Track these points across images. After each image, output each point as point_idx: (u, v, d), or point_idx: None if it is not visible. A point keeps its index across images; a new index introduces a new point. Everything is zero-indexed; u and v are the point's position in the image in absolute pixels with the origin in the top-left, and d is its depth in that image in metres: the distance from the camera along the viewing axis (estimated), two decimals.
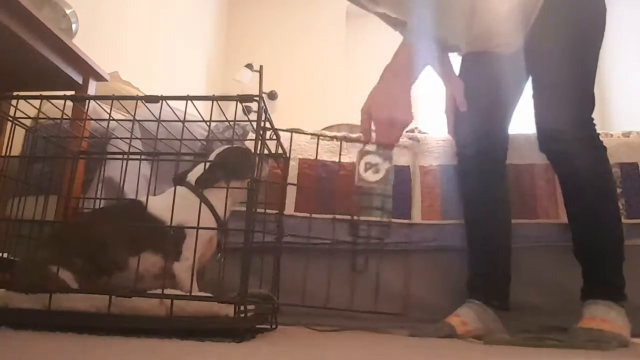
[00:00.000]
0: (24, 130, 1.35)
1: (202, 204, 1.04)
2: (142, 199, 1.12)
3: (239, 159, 1.17)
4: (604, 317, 1.17)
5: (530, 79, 1.40)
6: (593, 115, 1.29)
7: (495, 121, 1.44)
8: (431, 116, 4.24)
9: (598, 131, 1.30)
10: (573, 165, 1.27)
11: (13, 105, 1.14)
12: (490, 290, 1.36)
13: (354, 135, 1.78)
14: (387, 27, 1.59)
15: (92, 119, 1.28)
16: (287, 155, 1.36)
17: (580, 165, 1.26)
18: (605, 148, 1.29)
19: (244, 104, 1.05)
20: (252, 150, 1.02)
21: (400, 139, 1.76)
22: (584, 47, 1.31)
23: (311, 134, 1.59)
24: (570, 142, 1.26)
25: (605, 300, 1.19)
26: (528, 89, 1.44)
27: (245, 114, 1.13)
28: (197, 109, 1.24)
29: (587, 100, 1.29)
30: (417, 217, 1.55)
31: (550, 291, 1.49)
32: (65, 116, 1.17)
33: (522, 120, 1.56)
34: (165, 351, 0.77)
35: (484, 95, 1.44)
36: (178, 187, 1.07)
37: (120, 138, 1.38)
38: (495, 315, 1.32)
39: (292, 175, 1.58)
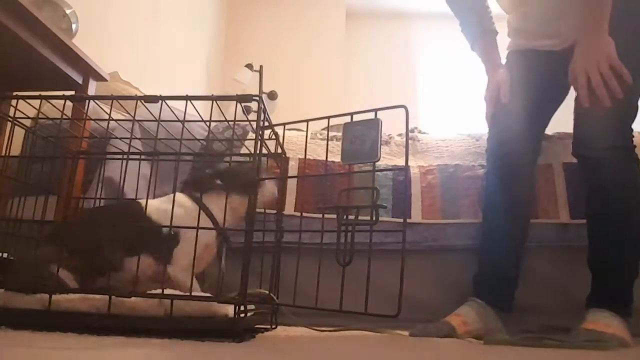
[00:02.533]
0: (23, 130, 1.35)
1: (201, 211, 1.05)
2: (141, 200, 1.12)
3: (243, 177, 1.17)
4: (608, 322, 1.17)
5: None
6: None
7: (534, 122, 1.43)
8: (431, 116, 4.24)
9: None
10: (603, 174, 1.25)
11: (13, 106, 1.14)
12: (496, 291, 1.35)
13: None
14: (386, 27, 1.59)
15: (92, 119, 1.28)
16: (286, 154, 1.36)
17: (610, 176, 1.24)
18: (638, 161, 1.26)
19: (243, 104, 1.05)
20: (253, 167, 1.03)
21: (399, 139, 1.77)
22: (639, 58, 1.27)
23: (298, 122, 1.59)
24: (604, 150, 1.23)
25: (610, 312, 1.19)
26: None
27: (245, 114, 1.13)
28: (196, 109, 1.24)
29: (631, 111, 1.27)
30: (417, 216, 1.55)
31: (550, 291, 1.49)
32: (65, 116, 1.17)
33: None
34: (165, 351, 0.77)
35: (527, 93, 1.42)
36: (178, 194, 1.07)
37: (120, 138, 1.38)
38: (497, 316, 1.32)
39: (292, 175, 1.58)
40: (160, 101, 1.04)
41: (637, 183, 1.26)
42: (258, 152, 1.02)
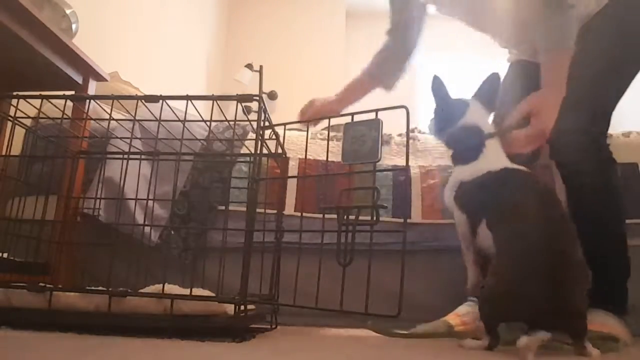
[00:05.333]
0: (24, 130, 1.35)
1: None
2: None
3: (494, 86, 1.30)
4: (603, 322, 1.16)
5: None
6: None
7: None
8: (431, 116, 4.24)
9: None
10: (575, 170, 1.24)
11: (13, 105, 1.14)
12: None
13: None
14: (386, 27, 1.58)
15: (92, 119, 1.28)
16: (286, 154, 1.36)
17: (579, 168, 1.23)
18: (613, 161, 1.26)
19: (243, 104, 1.05)
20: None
21: (399, 139, 1.77)
22: (621, 65, 1.28)
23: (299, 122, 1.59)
24: (576, 143, 1.23)
25: (605, 311, 1.19)
26: None
27: (245, 114, 1.13)
28: (196, 109, 1.24)
29: (600, 98, 1.27)
30: (417, 216, 1.55)
31: None
32: (65, 116, 1.17)
33: None
34: (165, 351, 0.77)
35: None
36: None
37: (121, 138, 1.38)
38: None
39: (292, 175, 1.58)
40: (160, 101, 1.05)
41: (611, 179, 1.25)
42: (258, 152, 1.02)
